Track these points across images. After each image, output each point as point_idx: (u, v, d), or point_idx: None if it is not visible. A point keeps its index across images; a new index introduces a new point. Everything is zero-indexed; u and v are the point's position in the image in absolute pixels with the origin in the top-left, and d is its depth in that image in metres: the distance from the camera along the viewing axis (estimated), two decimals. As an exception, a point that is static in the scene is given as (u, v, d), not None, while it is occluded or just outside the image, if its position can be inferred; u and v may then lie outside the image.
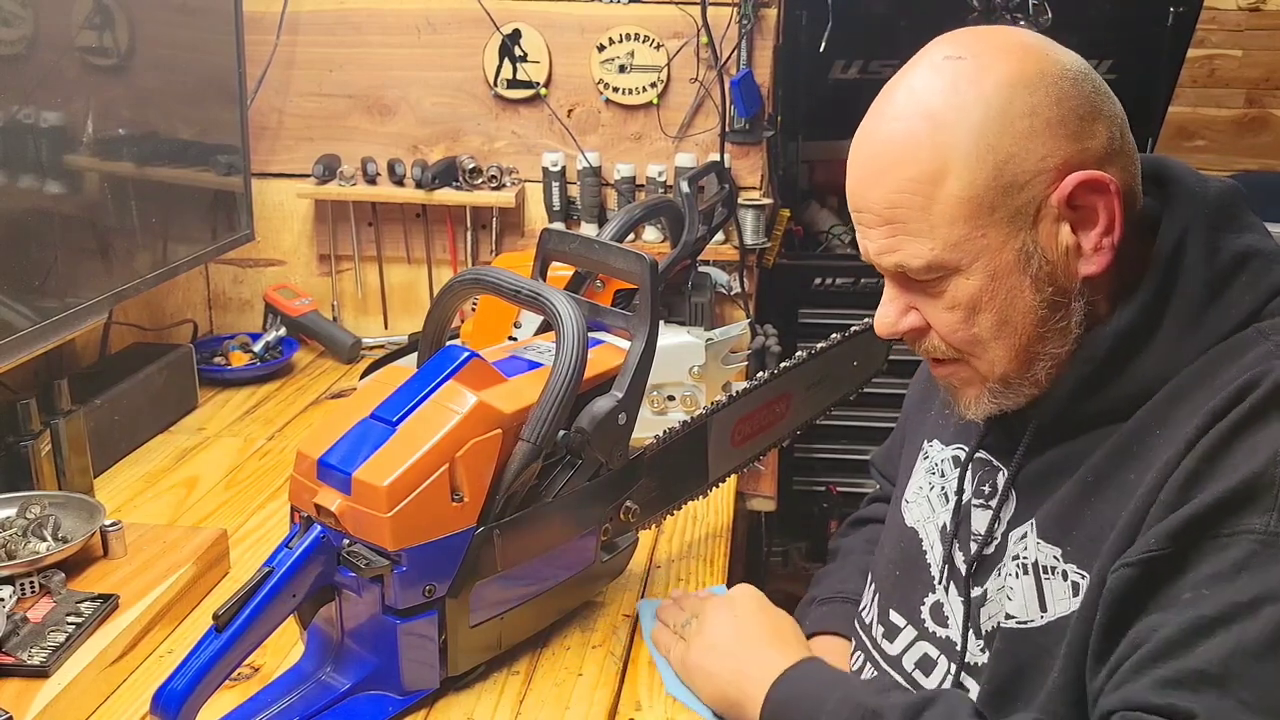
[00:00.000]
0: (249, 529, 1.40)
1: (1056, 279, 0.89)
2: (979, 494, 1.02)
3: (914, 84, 0.90)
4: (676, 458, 1.20)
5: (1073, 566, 0.90)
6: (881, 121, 0.91)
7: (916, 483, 1.11)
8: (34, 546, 1.17)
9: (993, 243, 0.87)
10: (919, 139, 0.87)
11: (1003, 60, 0.87)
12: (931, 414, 1.14)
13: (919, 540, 1.07)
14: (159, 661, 1.13)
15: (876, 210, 0.90)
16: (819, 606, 1.23)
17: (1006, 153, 0.86)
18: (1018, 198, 0.86)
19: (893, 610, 1.07)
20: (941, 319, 0.92)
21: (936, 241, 0.87)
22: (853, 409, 1.49)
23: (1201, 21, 2.64)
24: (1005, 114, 0.85)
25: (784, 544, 2.59)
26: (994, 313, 0.89)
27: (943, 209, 0.87)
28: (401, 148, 2.07)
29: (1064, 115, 0.87)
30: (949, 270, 0.89)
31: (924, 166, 0.86)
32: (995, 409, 0.95)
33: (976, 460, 1.04)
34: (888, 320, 0.95)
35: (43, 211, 1.41)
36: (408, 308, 2.12)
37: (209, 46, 1.80)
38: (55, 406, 1.39)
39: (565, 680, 1.09)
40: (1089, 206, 0.87)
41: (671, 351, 1.54)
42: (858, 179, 0.92)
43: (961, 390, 0.97)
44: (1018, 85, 0.86)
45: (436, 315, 1.14)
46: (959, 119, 0.86)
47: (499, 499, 1.01)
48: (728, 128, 1.97)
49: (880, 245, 0.91)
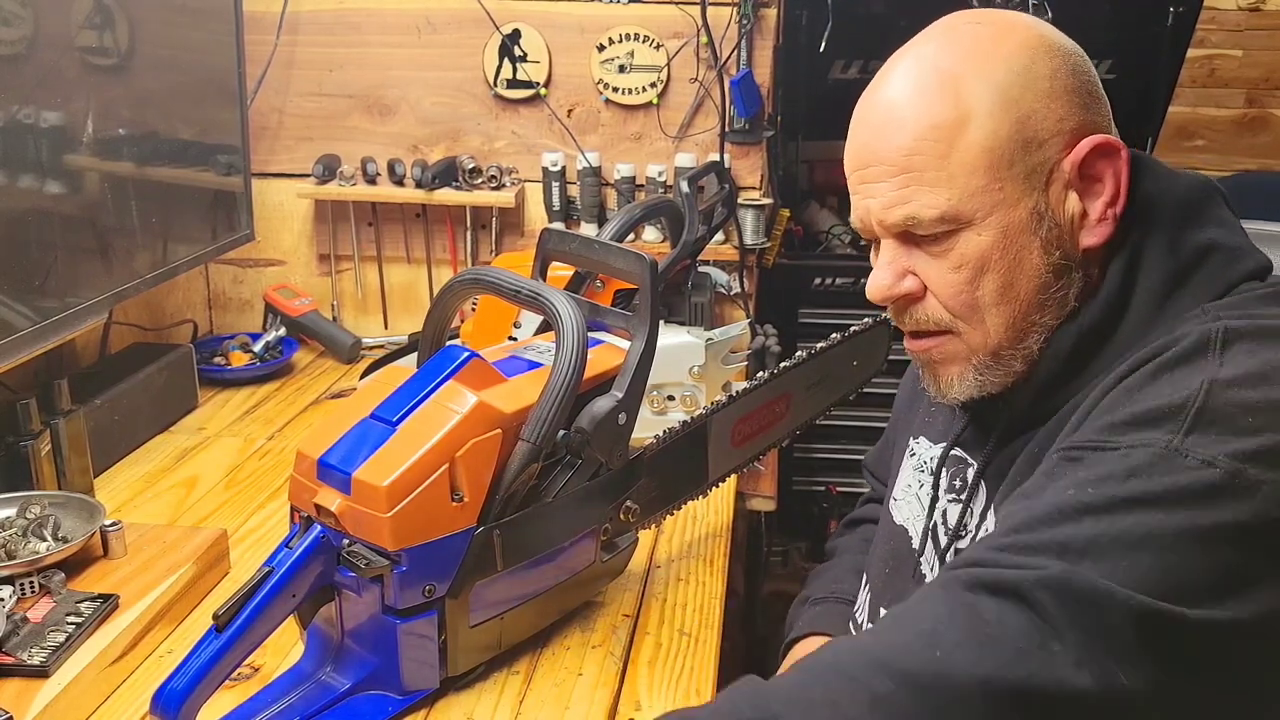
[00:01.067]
0: (249, 529, 1.40)
1: (1064, 244, 0.89)
2: (950, 489, 1.03)
3: (926, 50, 0.91)
4: (676, 458, 1.20)
5: None
6: (895, 82, 0.91)
7: (904, 481, 1.11)
8: (34, 546, 1.17)
9: (1008, 197, 0.88)
10: (941, 90, 0.88)
11: (1021, 28, 0.90)
12: (919, 412, 1.14)
13: (908, 538, 1.07)
14: (159, 661, 1.13)
15: (891, 161, 0.89)
16: (812, 606, 1.23)
17: (1029, 108, 0.87)
18: (1035, 155, 0.87)
19: (883, 609, 1.08)
20: (945, 280, 0.91)
21: (954, 191, 0.87)
22: (853, 409, 1.49)
23: (1201, 21, 2.64)
24: (1029, 71, 0.87)
25: (784, 544, 2.59)
26: (1001, 274, 0.89)
27: (963, 157, 0.87)
28: (401, 148, 2.07)
29: (1079, 85, 0.89)
30: (962, 223, 0.88)
31: (946, 114, 0.87)
32: (975, 389, 0.94)
33: (951, 457, 1.04)
34: (884, 284, 0.93)
35: (43, 211, 1.41)
36: (408, 308, 2.12)
37: (209, 46, 1.80)
38: (55, 406, 1.39)
39: (565, 680, 1.09)
40: (1097, 174, 0.89)
41: (671, 351, 1.54)
42: (868, 134, 0.92)
43: (944, 367, 0.95)
44: (1039, 49, 0.89)
45: (436, 315, 1.14)
46: (983, 73, 0.87)
47: (499, 499, 1.01)
48: (728, 128, 1.97)
49: (890, 198, 0.90)
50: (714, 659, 1.15)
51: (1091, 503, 0.76)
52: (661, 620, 1.21)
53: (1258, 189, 3.01)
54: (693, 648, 1.17)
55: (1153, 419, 0.78)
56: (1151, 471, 0.76)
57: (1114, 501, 0.76)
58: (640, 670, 1.13)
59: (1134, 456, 0.77)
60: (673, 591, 1.27)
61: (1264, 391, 0.78)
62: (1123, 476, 0.77)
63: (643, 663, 1.14)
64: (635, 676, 1.12)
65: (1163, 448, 0.77)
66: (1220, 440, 0.76)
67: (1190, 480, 0.75)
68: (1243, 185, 3.01)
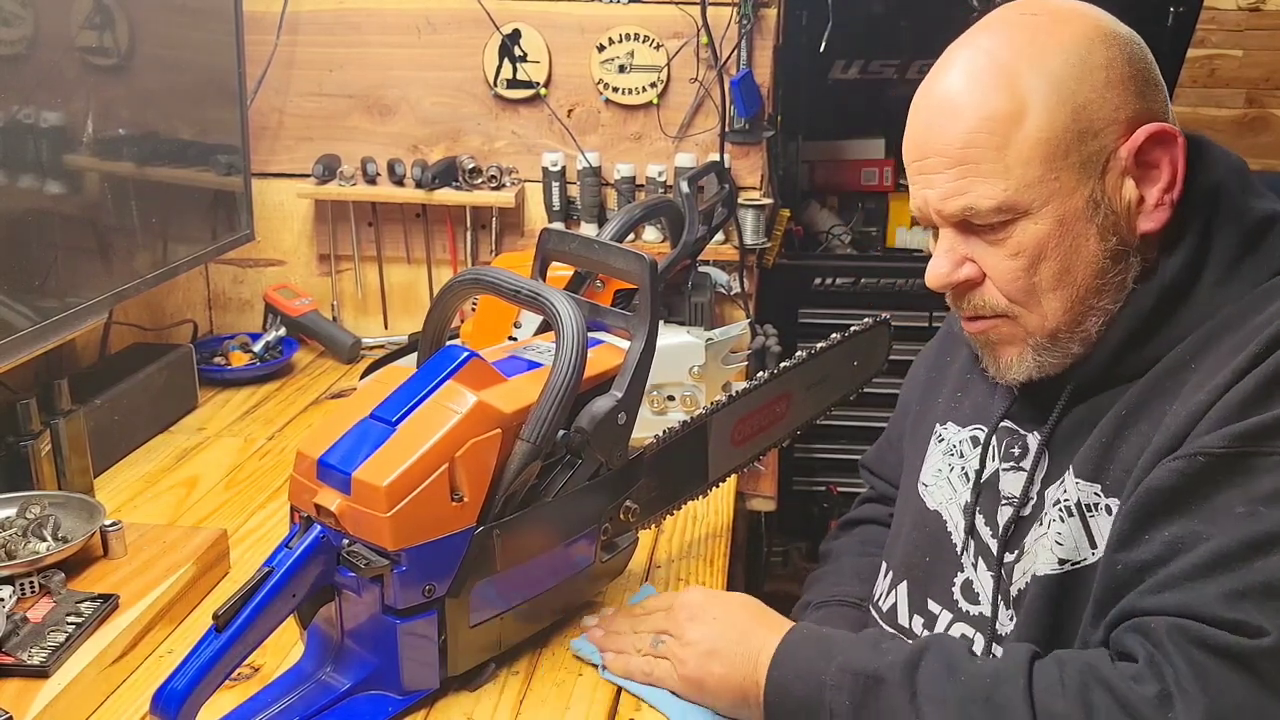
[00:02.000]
0: (249, 529, 1.40)
1: (1120, 230, 0.91)
2: (1007, 458, 1.02)
3: (983, 41, 0.92)
4: (676, 458, 1.20)
5: (1114, 500, 0.90)
6: (953, 73, 0.92)
7: (934, 465, 1.11)
8: (34, 546, 1.17)
9: (1065, 187, 0.89)
10: (998, 81, 0.89)
11: (1078, 18, 0.91)
12: (941, 399, 1.14)
13: (943, 522, 1.07)
14: (159, 661, 1.13)
15: (948, 153, 0.90)
16: (814, 611, 1.22)
17: (1084, 99, 0.88)
18: (1091, 144, 0.89)
19: (930, 599, 1.07)
20: (1002, 267, 0.92)
21: (1011, 181, 0.89)
22: (853, 409, 1.48)
23: (1201, 21, 2.64)
24: (1085, 62, 0.88)
25: (784, 544, 2.59)
26: (1058, 260, 0.90)
27: (1019, 149, 0.88)
28: (401, 148, 2.07)
29: (1135, 73, 0.90)
30: (1019, 213, 0.90)
31: (1003, 106, 0.88)
32: (1035, 370, 0.96)
33: (1001, 430, 1.04)
34: (942, 271, 0.95)
35: (43, 211, 1.41)
36: (408, 308, 2.13)
37: (209, 46, 1.80)
38: (55, 406, 1.39)
39: (565, 680, 1.09)
40: (1154, 161, 0.90)
41: (671, 351, 1.54)
42: (926, 124, 0.93)
43: (1002, 349, 0.97)
44: (1095, 39, 0.90)
45: (436, 315, 1.14)
46: (1038, 64, 0.88)
47: (499, 499, 1.01)
48: (728, 128, 1.97)
49: (948, 189, 0.91)
50: (714, 659, 1.15)
51: (1272, 530, 0.77)
52: (661, 620, 1.21)
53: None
54: (693, 648, 1.16)
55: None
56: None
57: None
58: (640, 670, 1.12)
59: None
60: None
61: None
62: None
63: (643, 663, 1.14)
64: (635, 676, 1.11)
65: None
66: None
67: None
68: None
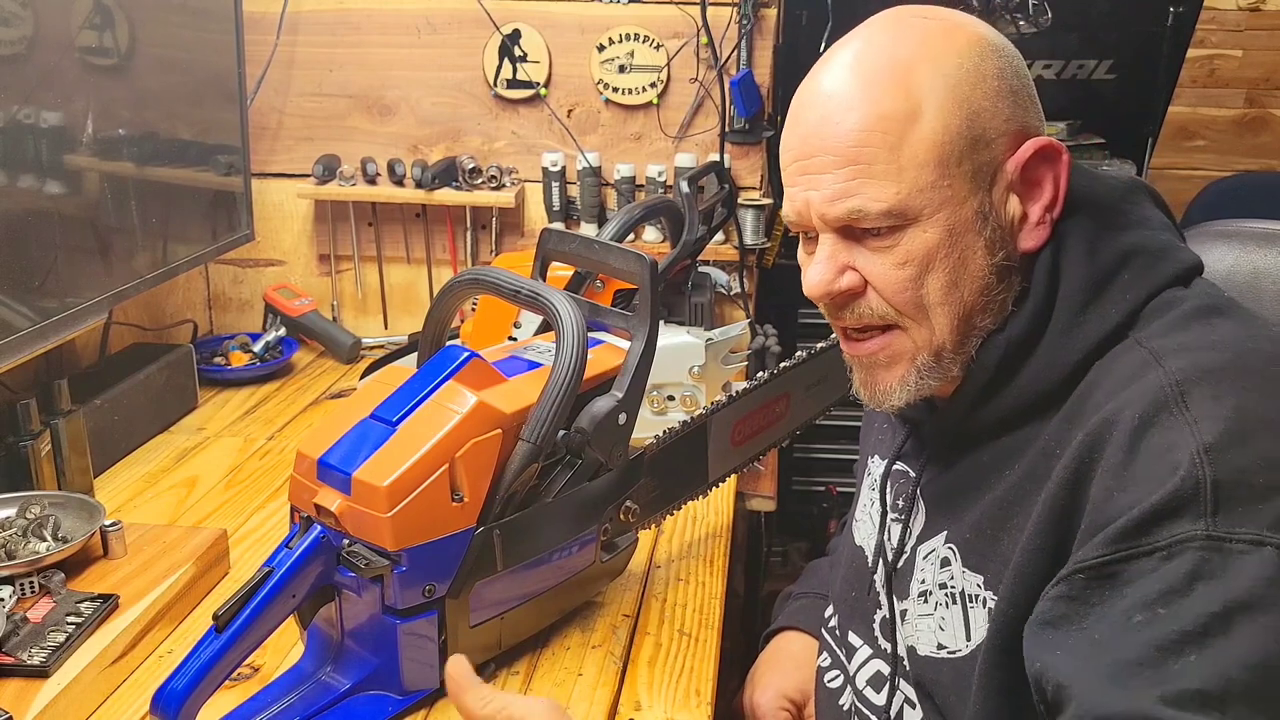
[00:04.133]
0: (249, 529, 1.40)
1: (1006, 245, 0.88)
2: (894, 507, 1.02)
3: (876, 40, 0.89)
4: (676, 458, 1.20)
5: (990, 594, 0.88)
6: (844, 70, 0.88)
7: (862, 500, 1.12)
8: (34, 546, 1.17)
9: (956, 195, 0.85)
10: (893, 79, 0.85)
11: (969, 24, 0.89)
12: (875, 430, 1.13)
13: (865, 558, 1.07)
14: (159, 661, 1.13)
15: (838, 150, 0.86)
16: (794, 601, 1.25)
17: (978, 106, 0.85)
18: (982, 154, 0.86)
19: (851, 632, 1.08)
20: (889, 276, 0.87)
21: (903, 185, 0.84)
22: (853, 409, 1.47)
23: (1201, 21, 2.64)
24: (979, 69, 0.86)
25: (784, 544, 2.59)
26: (946, 273, 0.86)
27: (913, 151, 0.84)
28: (401, 148, 2.07)
29: (1022, 86, 0.88)
30: (909, 219, 0.85)
31: (898, 105, 0.84)
32: (914, 392, 0.91)
33: (894, 472, 1.02)
34: (824, 279, 0.89)
35: (43, 211, 1.41)
36: (408, 308, 2.12)
37: (209, 47, 1.80)
38: (55, 406, 1.39)
39: (565, 680, 1.09)
40: (1038, 179, 0.88)
41: (671, 351, 1.54)
42: (814, 122, 0.87)
43: (887, 370, 0.92)
44: (987, 48, 0.87)
45: (436, 315, 1.14)
46: (935, 66, 0.85)
47: (499, 499, 1.01)
48: (728, 128, 1.97)
49: (834, 191, 0.86)
50: (714, 659, 1.15)
51: (1189, 631, 0.71)
52: (661, 620, 1.21)
53: (1258, 189, 3.01)
54: (693, 648, 1.17)
55: (1170, 509, 0.74)
56: (1210, 570, 0.72)
57: (1203, 619, 0.71)
58: (640, 670, 1.13)
59: (1179, 558, 0.73)
60: (673, 591, 1.27)
61: (1255, 447, 0.76)
62: (1185, 584, 0.73)
63: (643, 663, 1.14)
64: (635, 676, 1.12)
65: (1203, 539, 0.73)
66: (1251, 513, 0.73)
67: (1257, 566, 0.72)
68: (1243, 185, 3.01)
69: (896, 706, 1.00)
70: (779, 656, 1.23)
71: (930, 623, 0.94)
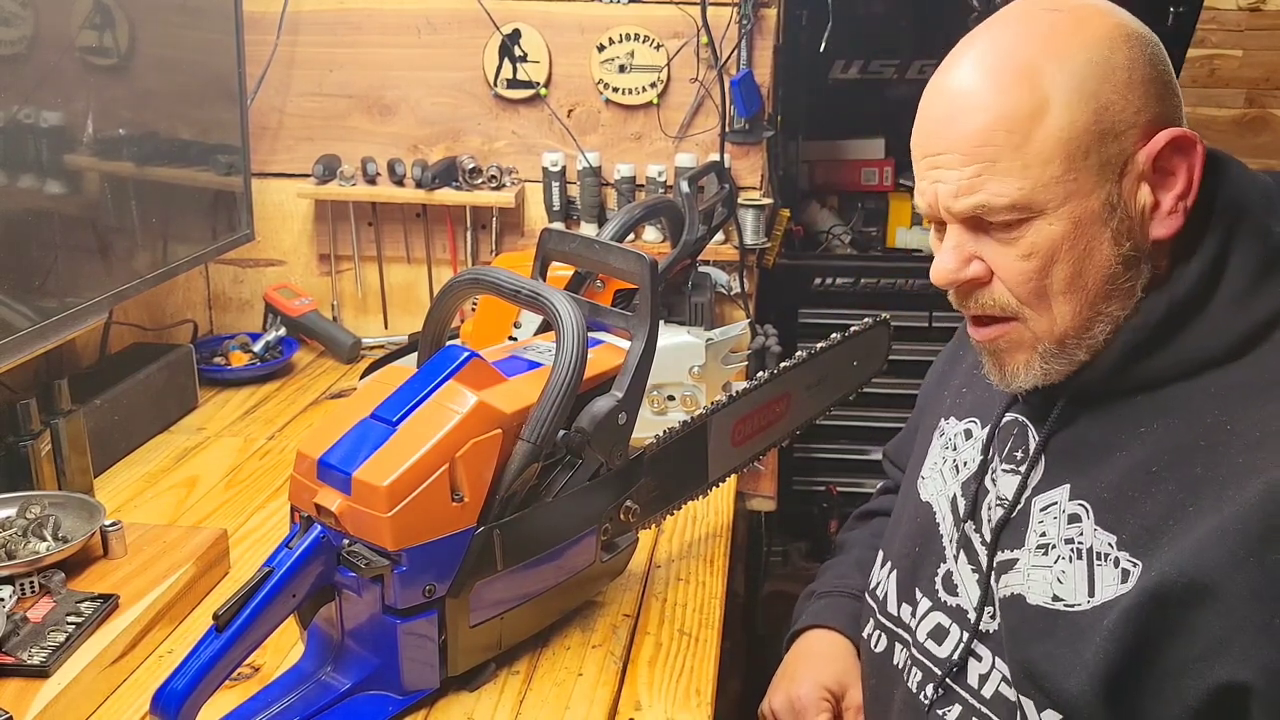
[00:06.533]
0: (249, 529, 1.40)
1: (1133, 235, 0.89)
2: (1009, 459, 1.01)
3: (1002, 36, 0.90)
4: (676, 458, 1.20)
5: (1125, 554, 0.88)
6: (970, 67, 0.90)
7: (932, 459, 1.11)
8: (34, 546, 1.17)
9: (1082, 188, 0.87)
10: (1019, 77, 0.87)
11: (1100, 16, 0.89)
12: (947, 393, 1.14)
13: (933, 513, 1.07)
14: (159, 661, 1.13)
15: (963, 148, 0.88)
16: (817, 600, 1.24)
17: (1106, 99, 0.86)
18: (1111, 147, 0.87)
19: (916, 588, 1.07)
20: (1014, 268, 0.90)
21: (1028, 180, 0.86)
22: (853, 409, 1.49)
23: (1201, 21, 2.64)
24: (1108, 62, 0.87)
25: (784, 544, 2.59)
26: (1070, 264, 0.88)
27: (1039, 146, 0.86)
28: (401, 148, 2.07)
29: (1155, 75, 0.88)
30: (1034, 212, 0.87)
31: (1024, 103, 0.86)
32: (1040, 377, 0.93)
33: (1006, 424, 1.02)
34: (949, 268, 0.92)
35: (43, 211, 1.41)
36: (408, 308, 2.12)
37: (209, 46, 1.80)
38: (55, 406, 1.39)
39: (565, 680, 1.09)
40: (1171, 168, 0.88)
41: (671, 351, 1.54)
42: (940, 119, 0.90)
43: (1009, 355, 0.95)
44: (1117, 39, 0.88)
45: (436, 315, 1.14)
46: (1062, 62, 0.86)
47: (499, 499, 1.01)
48: (728, 128, 1.97)
49: (960, 185, 0.88)
50: (714, 659, 1.15)
51: None
52: (661, 620, 1.21)
53: (1258, 189, 3.01)
54: (693, 648, 1.17)
55: None
56: None
57: None
58: (640, 670, 1.13)
59: None
60: (673, 591, 1.27)
61: None
62: None
63: (643, 662, 1.14)
64: (635, 676, 1.12)
65: None
66: None
67: None
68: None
69: (959, 655, 0.99)
70: (809, 653, 1.21)
71: (1048, 574, 0.93)
